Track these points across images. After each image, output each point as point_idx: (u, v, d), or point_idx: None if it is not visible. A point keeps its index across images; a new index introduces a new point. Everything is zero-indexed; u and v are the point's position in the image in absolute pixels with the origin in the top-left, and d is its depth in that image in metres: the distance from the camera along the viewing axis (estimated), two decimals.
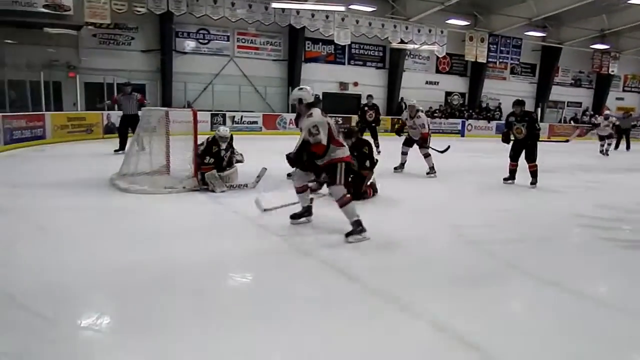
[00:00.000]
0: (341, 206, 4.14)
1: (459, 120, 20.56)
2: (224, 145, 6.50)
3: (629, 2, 17.54)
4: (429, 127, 8.14)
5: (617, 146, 15.91)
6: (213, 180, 6.11)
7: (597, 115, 19.56)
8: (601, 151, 13.99)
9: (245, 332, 2.48)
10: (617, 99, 25.94)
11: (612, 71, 23.94)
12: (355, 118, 15.19)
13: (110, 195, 5.77)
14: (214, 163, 6.25)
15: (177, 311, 2.69)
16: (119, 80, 15.01)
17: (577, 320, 2.82)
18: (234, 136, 6.81)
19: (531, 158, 7.23)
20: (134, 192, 5.78)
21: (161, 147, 6.67)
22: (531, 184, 7.26)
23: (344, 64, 19.55)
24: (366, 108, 11.26)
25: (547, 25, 21.12)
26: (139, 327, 2.49)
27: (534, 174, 7.26)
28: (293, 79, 17.91)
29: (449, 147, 8.55)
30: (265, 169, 6.45)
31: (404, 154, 8.32)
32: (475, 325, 2.63)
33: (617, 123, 15.28)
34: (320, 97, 17.48)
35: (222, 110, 16.14)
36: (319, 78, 18.59)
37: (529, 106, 23.19)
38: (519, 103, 7.42)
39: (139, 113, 8.60)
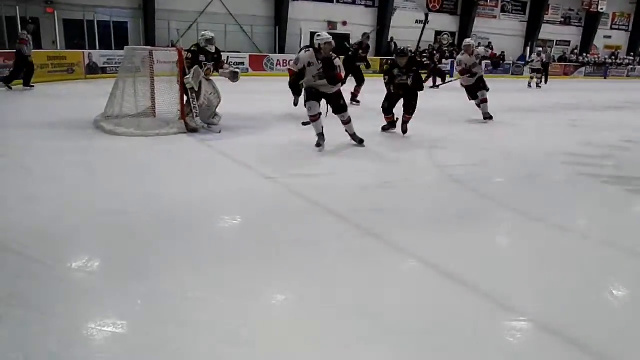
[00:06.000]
0: (348, 123, 5.62)
1: (449, 61, 20.30)
2: (212, 49, 6.37)
3: None
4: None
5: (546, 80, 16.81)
6: (195, 78, 5.92)
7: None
8: (529, 84, 15.85)
9: (238, 273, 2.58)
10: (605, 37, 26.12)
11: (602, 9, 23.92)
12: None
13: (96, 137, 5.73)
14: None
15: (169, 253, 2.76)
16: (99, 17, 14.47)
17: (561, 254, 3.00)
18: (220, 79, 6.71)
19: (411, 109, 6.44)
20: (120, 134, 5.75)
21: (146, 88, 6.56)
22: (403, 131, 6.51)
23: (332, 2, 18.93)
24: (360, 50, 9.63)
25: None
26: (131, 268, 2.55)
27: (405, 124, 6.51)
28: (280, 18, 17.37)
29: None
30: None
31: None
32: (463, 262, 2.76)
33: (545, 60, 16.39)
34: (309, 36, 16.96)
35: None
36: (307, 17, 18.05)
37: (519, 45, 23.27)
38: (403, 53, 6.36)
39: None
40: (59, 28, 14.15)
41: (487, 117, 7.97)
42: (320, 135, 5.43)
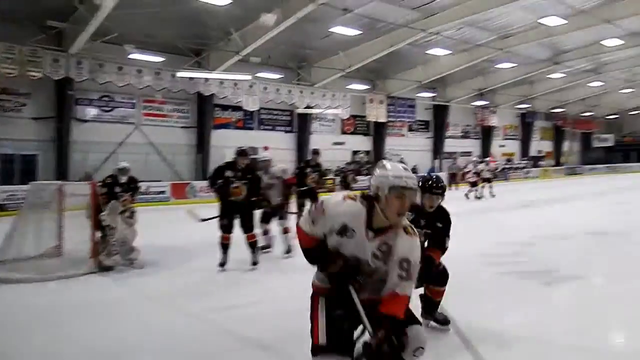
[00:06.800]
0: None
1: (366, 177, 21.30)
2: (124, 179, 6.26)
3: (496, 66, 22.32)
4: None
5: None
6: (112, 213, 5.65)
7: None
8: (477, 196, 15.59)
9: None
10: (500, 146, 31.09)
11: (493, 123, 28.96)
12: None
13: None
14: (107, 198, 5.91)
15: None
16: (3, 150, 13.72)
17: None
18: (139, 209, 6.30)
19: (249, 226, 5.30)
20: (15, 282, 4.97)
21: (52, 225, 5.94)
22: (253, 264, 5.47)
23: (253, 129, 19.67)
24: (308, 169, 8.10)
25: (435, 86, 24.90)
26: None
27: (253, 245, 5.49)
28: (203, 146, 17.57)
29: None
30: None
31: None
32: None
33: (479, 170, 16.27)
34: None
35: None
36: (229, 144, 18.31)
37: (428, 158, 26.13)
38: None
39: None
40: None
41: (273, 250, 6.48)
42: None
